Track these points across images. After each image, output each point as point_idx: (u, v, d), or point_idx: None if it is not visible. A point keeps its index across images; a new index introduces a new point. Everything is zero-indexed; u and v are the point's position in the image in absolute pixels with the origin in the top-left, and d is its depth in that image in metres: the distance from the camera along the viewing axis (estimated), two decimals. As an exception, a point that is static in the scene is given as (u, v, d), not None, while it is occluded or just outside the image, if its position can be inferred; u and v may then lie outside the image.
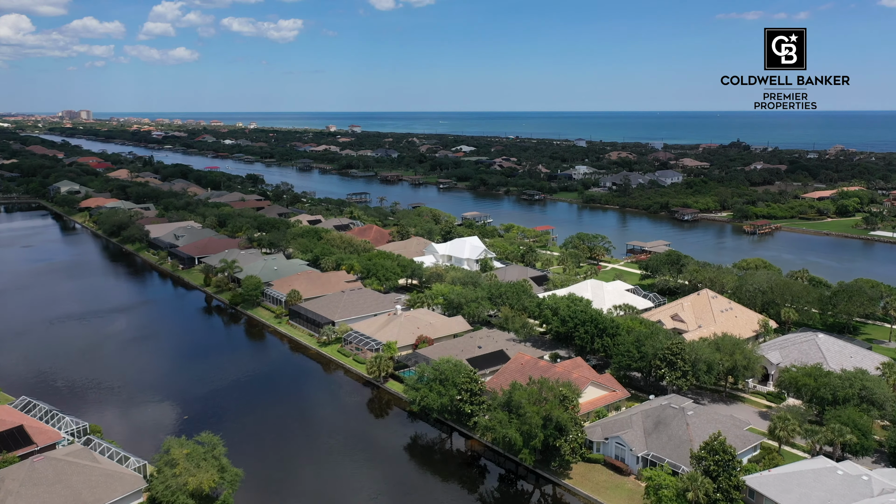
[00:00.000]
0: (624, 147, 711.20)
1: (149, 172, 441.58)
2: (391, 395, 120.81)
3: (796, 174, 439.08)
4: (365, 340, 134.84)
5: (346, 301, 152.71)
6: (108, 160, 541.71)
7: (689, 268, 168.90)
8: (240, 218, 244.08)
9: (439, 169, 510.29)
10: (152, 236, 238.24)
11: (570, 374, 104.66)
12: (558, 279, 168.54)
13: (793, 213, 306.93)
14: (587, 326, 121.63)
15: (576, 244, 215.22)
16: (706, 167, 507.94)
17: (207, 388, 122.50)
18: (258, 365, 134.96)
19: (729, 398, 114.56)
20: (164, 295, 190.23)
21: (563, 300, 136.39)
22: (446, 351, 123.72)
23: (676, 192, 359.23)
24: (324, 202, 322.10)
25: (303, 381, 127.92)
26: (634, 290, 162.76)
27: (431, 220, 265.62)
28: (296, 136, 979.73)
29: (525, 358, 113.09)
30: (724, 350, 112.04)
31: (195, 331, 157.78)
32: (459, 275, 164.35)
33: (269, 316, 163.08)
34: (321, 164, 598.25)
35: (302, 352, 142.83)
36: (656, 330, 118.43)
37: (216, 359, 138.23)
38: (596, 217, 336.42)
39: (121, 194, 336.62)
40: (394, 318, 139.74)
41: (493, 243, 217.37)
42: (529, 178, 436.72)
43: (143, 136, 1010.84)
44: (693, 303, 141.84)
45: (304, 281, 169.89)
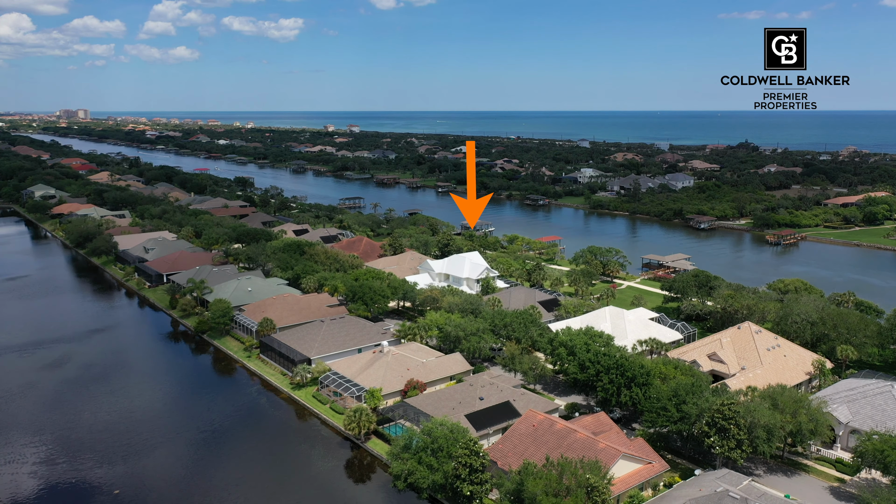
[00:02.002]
0: (629, 148, 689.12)
1: (132, 175, 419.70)
2: (373, 457, 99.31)
3: (813, 177, 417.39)
4: (345, 385, 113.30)
5: (326, 333, 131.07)
6: (94, 161, 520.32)
7: (722, 292, 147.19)
8: (217, 228, 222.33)
9: (438, 171, 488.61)
10: (121, 248, 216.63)
11: (596, 446, 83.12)
12: (570, 304, 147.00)
13: (817, 221, 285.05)
14: (612, 374, 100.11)
15: (587, 259, 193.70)
16: (716, 170, 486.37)
17: (150, 449, 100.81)
18: (217, 415, 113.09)
19: (788, 466, 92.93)
20: (125, 319, 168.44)
21: (580, 335, 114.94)
22: (440, 402, 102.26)
23: (690, 198, 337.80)
24: (313, 209, 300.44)
25: (269, 437, 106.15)
26: (659, 318, 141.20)
27: (428, 229, 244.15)
28: (292, 136, 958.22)
29: (538, 417, 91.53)
30: (785, 408, 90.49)
31: (150, 368, 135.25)
32: (458, 300, 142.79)
33: (238, 348, 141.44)
34: (316, 165, 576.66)
35: (272, 395, 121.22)
36: (699, 381, 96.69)
37: (168, 407, 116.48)
38: (604, 224, 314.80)
39: (97, 199, 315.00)
40: (379, 356, 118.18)
41: (496, 258, 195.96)
42: (533, 181, 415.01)
43: (137, 135, 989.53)
44: (734, 339, 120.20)
45: (280, 306, 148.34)
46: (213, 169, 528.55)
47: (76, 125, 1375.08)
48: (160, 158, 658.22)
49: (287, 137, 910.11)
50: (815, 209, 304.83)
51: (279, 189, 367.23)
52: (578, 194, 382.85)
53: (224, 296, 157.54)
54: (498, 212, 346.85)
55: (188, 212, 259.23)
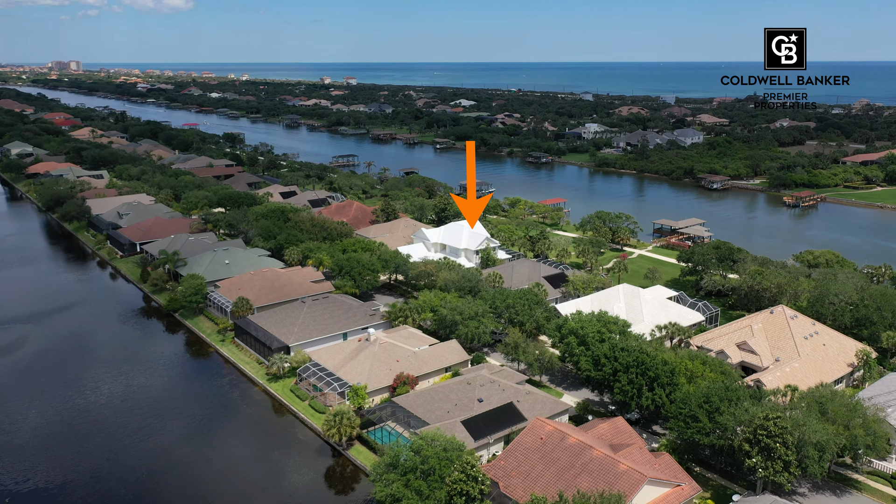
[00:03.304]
0: (634, 101, 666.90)
1: (116, 131, 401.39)
2: (357, 467, 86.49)
3: (827, 133, 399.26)
4: (326, 379, 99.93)
5: (308, 316, 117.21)
6: (79, 116, 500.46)
7: (747, 267, 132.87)
8: (197, 191, 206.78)
9: (436, 126, 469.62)
10: (94, 213, 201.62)
11: (615, 468, 69.93)
12: (579, 280, 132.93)
13: (836, 181, 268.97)
14: (632, 374, 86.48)
15: (595, 225, 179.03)
16: (726, 124, 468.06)
17: (96, 460, 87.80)
18: (182, 415, 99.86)
19: (836, 483, 79.99)
20: (93, 294, 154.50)
21: (592, 323, 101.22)
22: (433, 403, 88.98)
23: (700, 155, 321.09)
24: (304, 168, 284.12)
25: (239, 442, 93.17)
26: (678, 297, 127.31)
27: (424, 191, 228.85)
28: (287, 88, 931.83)
29: (546, 428, 78.17)
30: (836, 417, 77.17)
31: (112, 355, 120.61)
32: (454, 277, 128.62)
33: (211, 329, 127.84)
34: (310, 120, 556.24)
35: (247, 386, 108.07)
36: (731, 379, 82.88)
37: (127, 404, 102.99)
38: (611, 184, 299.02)
39: (76, 158, 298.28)
40: (365, 345, 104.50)
41: (497, 225, 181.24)
42: (535, 137, 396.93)
43: (128, 88, 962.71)
44: (766, 325, 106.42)
45: (258, 283, 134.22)
46: (202, 124, 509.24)
47: (67, 77, 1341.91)
48: (150, 112, 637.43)
49: (282, 90, 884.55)
50: (834, 167, 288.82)
51: (269, 146, 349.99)
52: (583, 151, 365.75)
53: (198, 269, 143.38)
54: (499, 170, 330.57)
55: (169, 172, 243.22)
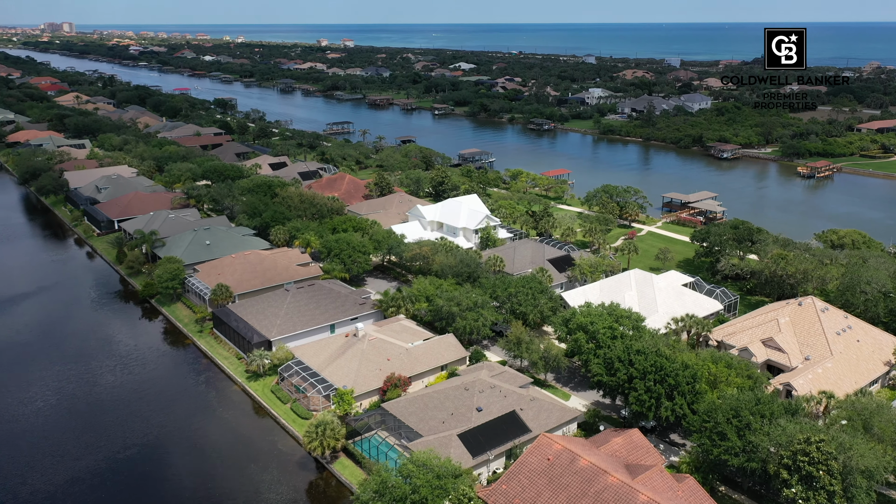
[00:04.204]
0: (638, 64, 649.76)
1: (103, 97, 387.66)
2: (342, 483, 77.66)
3: (840, 97, 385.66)
4: (310, 380, 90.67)
5: (291, 306, 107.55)
6: (67, 80, 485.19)
7: (769, 249, 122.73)
8: (181, 163, 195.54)
9: (435, 91, 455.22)
10: (72, 186, 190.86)
11: (635, 499, 60.87)
12: (586, 263, 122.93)
13: (852, 150, 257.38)
14: (649, 381, 77.03)
15: (602, 200, 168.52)
16: (734, 88, 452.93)
17: (44, 479, 78.95)
18: (148, 420, 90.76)
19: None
20: (66, 277, 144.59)
21: (602, 316, 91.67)
22: (427, 411, 79.79)
23: (709, 122, 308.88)
24: (296, 136, 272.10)
25: (211, 454, 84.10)
26: (694, 283, 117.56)
27: (421, 162, 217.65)
28: (283, 51, 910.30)
29: (554, 447, 69.02)
30: (883, 435, 68.00)
31: (79, 350, 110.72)
32: (452, 261, 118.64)
33: (189, 318, 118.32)
34: (305, 84, 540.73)
35: (225, 385, 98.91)
36: (759, 385, 73.23)
37: (92, 409, 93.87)
38: (616, 152, 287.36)
39: (58, 125, 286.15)
40: (353, 342, 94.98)
41: (498, 200, 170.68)
42: (536, 102, 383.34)
43: (120, 51, 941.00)
44: (794, 318, 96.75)
45: (240, 267, 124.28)
46: (194, 89, 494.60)
47: (59, 40, 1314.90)
48: (142, 76, 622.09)
49: (277, 53, 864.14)
50: (849, 135, 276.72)
51: (261, 113, 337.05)
52: (586, 117, 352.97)
53: (177, 251, 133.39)
54: (499, 138, 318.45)
55: (153, 142, 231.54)
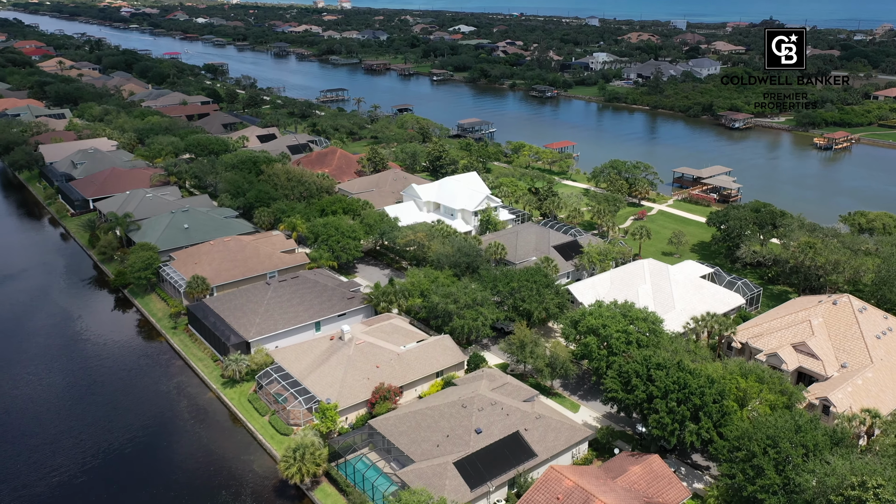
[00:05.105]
0: (643, 27, 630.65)
1: (88, 62, 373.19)
2: (323, 514, 69.00)
3: (854, 62, 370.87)
4: (290, 390, 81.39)
5: (273, 302, 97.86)
6: (53, 44, 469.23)
7: (794, 235, 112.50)
8: (163, 136, 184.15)
9: (433, 55, 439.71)
10: (48, 161, 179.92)
11: (662, 558, 51.95)
12: (595, 250, 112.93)
13: (870, 119, 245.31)
14: (671, 400, 67.66)
15: (610, 177, 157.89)
16: (743, 52, 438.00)
17: None
18: (110, 433, 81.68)
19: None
20: (36, 263, 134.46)
21: (616, 318, 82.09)
22: (420, 432, 70.71)
23: (718, 89, 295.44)
24: (288, 104, 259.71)
25: (178, 471, 75.23)
26: (714, 275, 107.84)
27: (418, 134, 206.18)
28: (278, 12, 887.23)
29: (564, 484, 60.00)
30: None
31: (44, 347, 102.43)
32: (449, 250, 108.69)
33: (163, 312, 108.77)
34: (300, 48, 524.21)
35: (199, 392, 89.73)
36: (806, 424, 63.48)
37: (45, 426, 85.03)
38: (621, 121, 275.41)
39: (39, 93, 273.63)
40: (338, 346, 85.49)
41: (499, 176, 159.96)
42: (539, 68, 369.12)
43: (111, 13, 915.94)
44: (828, 319, 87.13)
45: (219, 255, 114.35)
46: (184, 53, 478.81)
47: (49, 1, 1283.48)
48: (132, 40, 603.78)
49: (272, 15, 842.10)
50: (867, 104, 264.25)
51: (252, 79, 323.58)
52: (591, 83, 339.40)
53: (153, 236, 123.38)
54: (500, 106, 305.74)
55: (135, 112, 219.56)
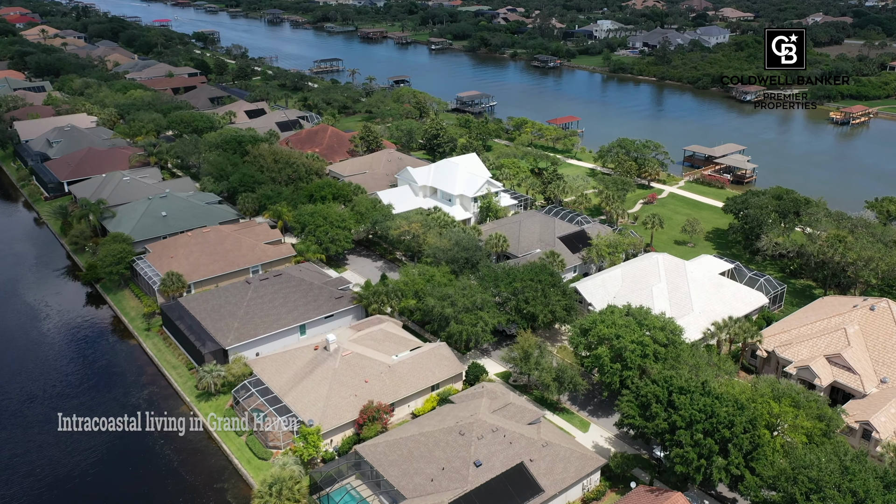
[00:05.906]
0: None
1: (73, 30, 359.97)
2: (304, 557, 61.32)
3: (867, 30, 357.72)
4: (269, 408, 73.29)
5: (253, 303, 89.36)
6: (39, 11, 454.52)
7: (820, 226, 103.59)
8: (145, 112, 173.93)
9: (432, 23, 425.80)
10: (23, 139, 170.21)
11: None
12: (604, 242, 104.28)
13: (888, 91, 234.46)
14: (697, 431, 59.53)
15: (619, 157, 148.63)
16: (752, 19, 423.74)
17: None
18: (66, 459, 73.89)
19: None
20: (2, 253, 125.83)
21: (630, 327, 73.74)
22: (413, 462, 62.83)
23: (728, 59, 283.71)
24: (279, 76, 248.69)
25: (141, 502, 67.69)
26: (734, 270, 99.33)
27: (414, 109, 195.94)
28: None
29: (576, 536, 52.12)
30: None
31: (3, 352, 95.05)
32: (446, 244, 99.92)
33: (137, 311, 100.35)
34: (294, 14, 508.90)
35: (169, 407, 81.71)
36: (854, 465, 55.50)
37: (8, 431, 77.18)
38: (627, 93, 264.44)
39: (20, 64, 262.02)
40: (323, 358, 77.20)
41: (500, 157, 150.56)
42: (541, 36, 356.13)
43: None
44: (864, 327, 78.79)
45: (197, 247, 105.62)
46: (174, 20, 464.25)
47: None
48: (125, 6, 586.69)
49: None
50: (883, 74, 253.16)
51: (243, 49, 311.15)
52: (595, 53, 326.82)
53: (127, 225, 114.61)
54: (501, 77, 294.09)
55: (117, 85, 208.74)
